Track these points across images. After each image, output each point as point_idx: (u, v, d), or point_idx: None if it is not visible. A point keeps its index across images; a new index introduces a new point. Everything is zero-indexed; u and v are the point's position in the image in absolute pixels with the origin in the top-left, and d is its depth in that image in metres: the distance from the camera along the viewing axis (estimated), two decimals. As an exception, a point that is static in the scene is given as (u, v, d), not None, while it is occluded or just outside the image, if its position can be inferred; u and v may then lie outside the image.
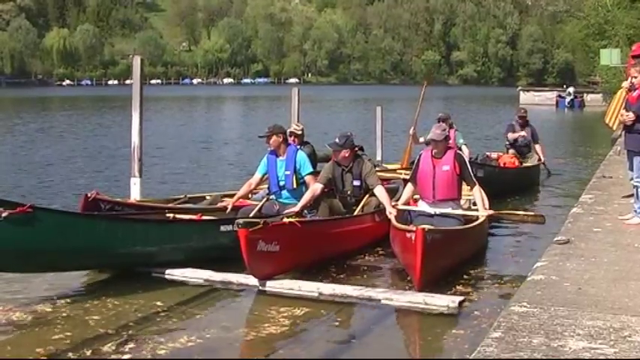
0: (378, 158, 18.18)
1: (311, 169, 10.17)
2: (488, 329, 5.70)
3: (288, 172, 9.97)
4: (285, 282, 8.09)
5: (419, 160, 9.86)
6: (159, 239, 8.53)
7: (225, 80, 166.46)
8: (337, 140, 9.95)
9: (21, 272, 8.04)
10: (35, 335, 6.60)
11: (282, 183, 10.01)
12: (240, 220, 7.93)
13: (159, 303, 7.50)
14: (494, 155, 16.91)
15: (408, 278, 8.15)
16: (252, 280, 8.10)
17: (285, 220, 8.49)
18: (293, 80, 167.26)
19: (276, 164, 10.05)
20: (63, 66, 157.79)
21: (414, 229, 7.92)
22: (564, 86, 74.31)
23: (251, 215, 9.44)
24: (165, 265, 8.49)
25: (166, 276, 8.38)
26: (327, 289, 7.88)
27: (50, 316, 7.12)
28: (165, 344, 6.30)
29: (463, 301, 7.37)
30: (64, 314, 7.17)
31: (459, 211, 9.65)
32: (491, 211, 9.79)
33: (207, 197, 11.32)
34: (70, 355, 6.12)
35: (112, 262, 8.39)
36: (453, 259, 8.65)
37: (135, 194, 11.04)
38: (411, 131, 15.80)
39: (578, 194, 11.49)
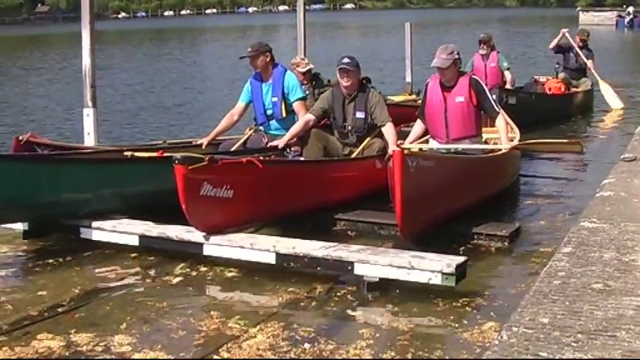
0: (408, 80, 17.90)
1: (301, 94, 8.66)
2: (493, 306, 5.54)
3: (275, 99, 8.50)
4: (235, 236, 6.42)
5: (426, 90, 8.26)
6: (96, 183, 7.04)
7: (281, 7, 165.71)
8: (347, 59, 8.16)
9: None
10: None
11: (269, 112, 8.55)
12: (178, 155, 6.14)
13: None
14: (542, 79, 15.82)
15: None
16: (196, 235, 6.47)
17: (243, 157, 6.75)
18: (349, 6, 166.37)
19: (262, 90, 8.58)
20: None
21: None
22: (624, 6, 72.42)
23: (232, 149, 8.21)
24: (105, 214, 7.07)
25: (94, 230, 6.96)
26: (286, 246, 6.19)
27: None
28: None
29: (463, 263, 5.71)
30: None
31: (478, 146, 8.10)
32: (514, 143, 8.39)
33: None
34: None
35: (34, 213, 6.97)
36: (457, 199, 7.16)
37: (88, 128, 9.42)
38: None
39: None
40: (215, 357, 4.77)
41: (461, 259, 5.72)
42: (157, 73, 29.30)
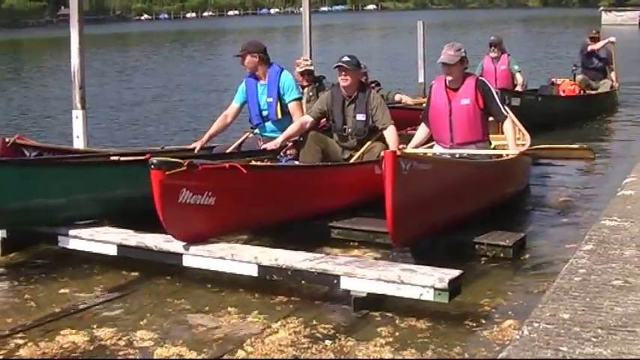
0: (420, 80, 17.72)
1: (297, 95, 8.31)
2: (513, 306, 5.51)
3: (270, 99, 8.13)
4: (214, 247, 6.05)
5: (430, 92, 7.87)
6: (77, 188, 6.65)
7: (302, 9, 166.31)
8: (346, 58, 7.83)
9: None
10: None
11: (264, 113, 8.18)
12: (154, 160, 5.72)
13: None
14: (559, 81, 15.11)
15: (403, 252, 6.49)
16: (175, 245, 6.10)
17: (227, 162, 6.29)
18: (371, 7, 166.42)
19: (257, 90, 8.22)
20: (141, 0, 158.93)
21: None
22: (647, 6, 72.09)
23: (228, 152, 7.97)
24: (88, 220, 6.87)
25: (72, 239, 6.65)
26: (269, 258, 5.79)
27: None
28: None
29: (458, 278, 5.21)
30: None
31: (483, 151, 7.60)
32: (521, 148, 7.93)
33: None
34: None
35: (11, 220, 6.56)
36: (457, 206, 6.70)
37: (78, 130, 9.11)
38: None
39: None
40: (239, 351, 4.79)
41: (455, 272, 5.21)
42: (176, 75, 29.31)
